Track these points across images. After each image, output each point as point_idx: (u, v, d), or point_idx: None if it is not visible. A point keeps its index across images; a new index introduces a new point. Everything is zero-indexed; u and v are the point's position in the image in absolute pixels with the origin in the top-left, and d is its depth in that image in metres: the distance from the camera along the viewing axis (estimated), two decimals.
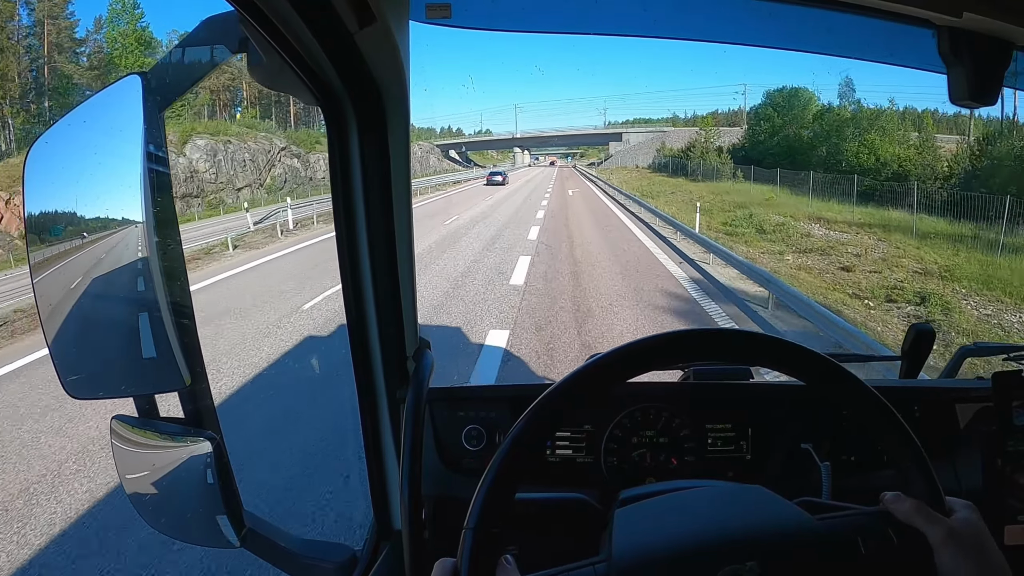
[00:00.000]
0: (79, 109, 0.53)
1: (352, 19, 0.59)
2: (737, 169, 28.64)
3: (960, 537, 0.49)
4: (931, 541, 0.50)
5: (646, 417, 1.00)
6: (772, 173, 23.57)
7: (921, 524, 0.51)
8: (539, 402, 0.51)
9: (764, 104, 33.93)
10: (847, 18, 0.71)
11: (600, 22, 0.87)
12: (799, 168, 23.49)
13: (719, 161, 31.29)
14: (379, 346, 0.83)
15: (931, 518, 0.50)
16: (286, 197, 21.61)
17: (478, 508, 0.49)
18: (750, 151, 31.97)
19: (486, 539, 0.48)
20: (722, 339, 0.55)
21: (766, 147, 30.95)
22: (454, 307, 6.76)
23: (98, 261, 0.52)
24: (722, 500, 0.62)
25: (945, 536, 0.49)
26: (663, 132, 47.78)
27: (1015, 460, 0.81)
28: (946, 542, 0.49)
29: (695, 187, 25.65)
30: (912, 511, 0.51)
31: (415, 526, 0.72)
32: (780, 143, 30.46)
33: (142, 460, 0.58)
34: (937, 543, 0.49)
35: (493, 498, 0.49)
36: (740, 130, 38.96)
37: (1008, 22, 0.61)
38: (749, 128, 35.51)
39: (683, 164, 35.45)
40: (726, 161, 30.99)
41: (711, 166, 31.07)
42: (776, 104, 32.67)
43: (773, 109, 32.62)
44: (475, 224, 14.93)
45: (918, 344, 1.15)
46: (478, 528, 0.48)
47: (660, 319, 6.24)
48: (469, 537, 0.48)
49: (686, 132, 43.89)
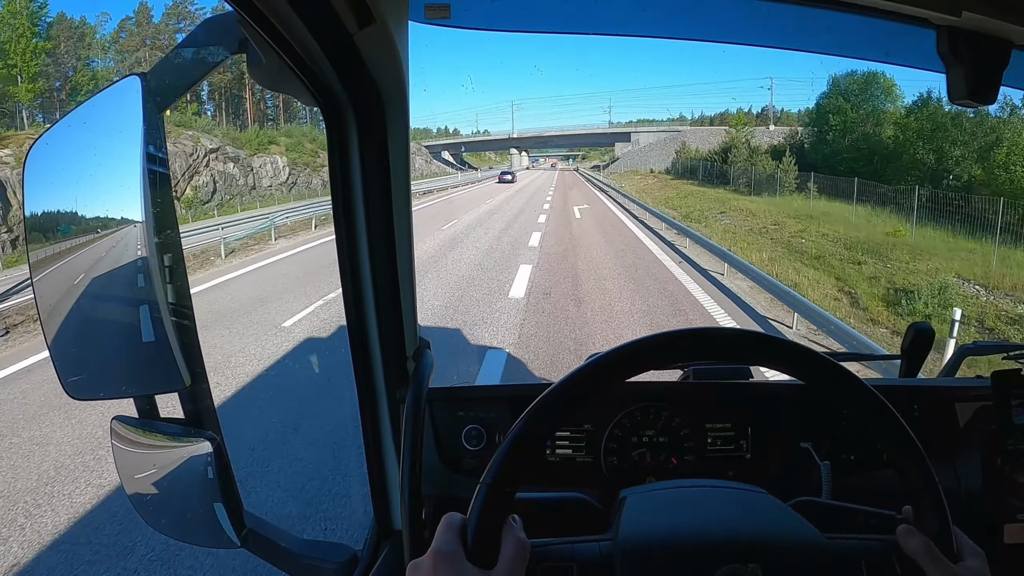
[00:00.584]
0: (79, 110, 0.53)
1: (351, 19, 0.59)
2: (803, 178, 21.56)
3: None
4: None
5: (646, 416, 1.00)
6: (847, 184, 17.67)
7: (926, 564, 0.50)
8: (539, 401, 0.52)
9: (831, 93, 25.15)
10: (846, 17, 0.71)
11: (600, 22, 0.87)
12: (882, 179, 17.85)
13: (779, 168, 22.88)
14: (379, 346, 0.83)
15: (937, 561, 0.50)
16: (214, 211, 18.38)
17: (496, 465, 0.49)
18: (811, 154, 24.29)
19: (498, 498, 0.49)
20: (722, 339, 0.55)
21: (835, 149, 23.64)
22: None
23: (98, 261, 0.53)
24: (728, 501, 0.62)
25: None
26: (679, 131, 41.32)
27: (1015, 459, 0.81)
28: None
29: (750, 203, 18.89)
30: (920, 550, 0.51)
31: (415, 526, 0.72)
32: (856, 144, 22.91)
33: (142, 460, 0.58)
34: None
35: (512, 458, 0.49)
36: (781, 130, 32.57)
37: (1008, 21, 0.61)
38: (812, 125, 27.21)
39: (721, 170, 27.34)
40: (789, 168, 22.50)
41: (765, 173, 23.47)
42: (848, 92, 24.11)
43: (844, 99, 24.25)
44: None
45: (917, 343, 1.15)
46: (493, 485, 0.49)
47: None
48: (483, 491, 0.49)
49: (709, 131, 38.27)
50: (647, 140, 43.01)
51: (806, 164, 22.75)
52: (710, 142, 34.23)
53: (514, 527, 0.50)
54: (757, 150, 27.48)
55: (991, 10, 0.59)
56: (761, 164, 24.77)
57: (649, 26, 0.87)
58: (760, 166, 24.60)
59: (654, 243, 12.20)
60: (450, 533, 0.48)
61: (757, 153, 26.80)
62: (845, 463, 0.96)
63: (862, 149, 22.50)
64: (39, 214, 0.53)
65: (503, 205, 21.56)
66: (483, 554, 0.47)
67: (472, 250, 11.14)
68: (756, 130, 33.23)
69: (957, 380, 1.20)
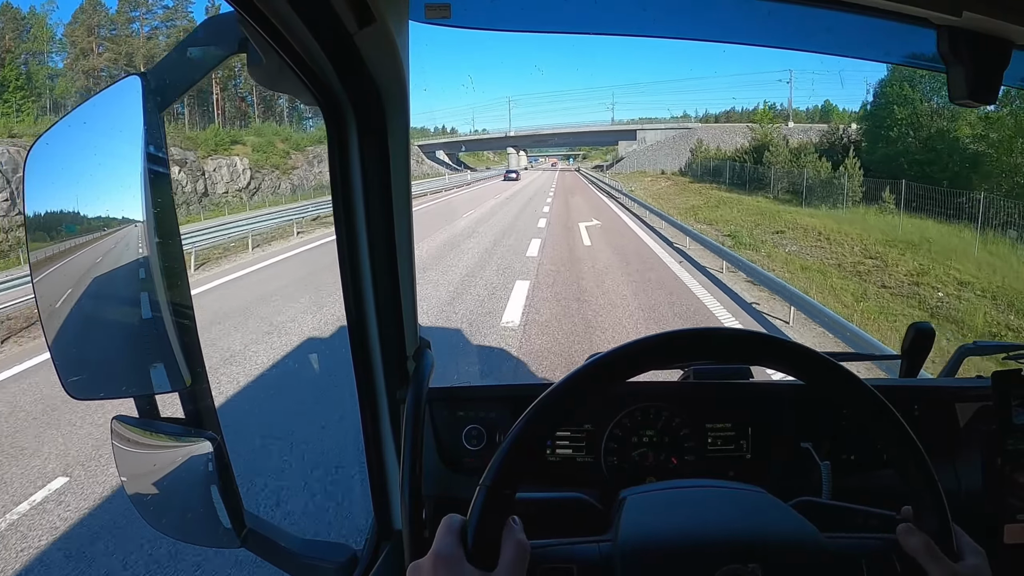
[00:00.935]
0: (79, 110, 0.53)
1: (352, 19, 0.59)
2: (868, 184, 17.21)
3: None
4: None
5: (646, 416, 1.00)
6: (931, 193, 13.84)
7: (926, 563, 0.50)
8: (540, 401, 0.52)
9: (891, 80, 20.16)
10: (846, 17, 0.70)
11: (600, 22, 0.87)
12: (959, 184, 13.83)
13: (840, 172, 18.30)
14: (379, 346, 0.83)
15: (938, 560, 0.50)
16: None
17: (495, 468, 0.49)
18: (867, 154, 19.80)
19: (498, 500, 0.49)
20: (722, 339, 0.55)
21: (900, 149, 19.02)
22: None
23: (98, 261, 0.53)
24: (728, 501, 0.62)
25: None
26: (689, 128, 38.13)
27: (1015, 459, 0.81)
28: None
29: (811, 218, 14.10)
30: (921, 548, 0.51)
31: (416, 526, 0.72)
32: (930, 143, 18.25)
33: (143, 460, 0.58)
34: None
35: (511, 460, 0.50)
36: (807, 126, 28.72)
37: (1008, 21, 0.61)
38: (867, 120, 22.82)
39: (755, 172, 22.62)
40: (855, 172, 18.07)
41: (818, 178, 19.14)
42: (914, 80, 19.20)
43: (911, 87, 19.46)
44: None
45: (918, 343, 1.15)
46: (492, 487, 0.49)
47: None
48: (483, 493, 0.49)
49: (724, 129, 35.30)
50: (654, 138, 39.86)
51: (864, 168, 18.72)
52: (729, 140, 30.94)
53: (514, 529, 0.50)
54: (804, 148, 22.65)
55: (991, 10, 0.59)
56: (812, 166, 20.00)
57: (648, 26, 0.87)
58: (811, 169, 19.78)
59: (701, 285, 7.96)
60: (450, 535, 0.48)
61: (805, 153, 21.73)
62: (845, 463, 0.96)
63: (939, 150, 17.44)
64: (40, 214, 0.53)
65: (494, 214, 17.22)
66: (483, 556, 0.47)
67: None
68: (777, 127, 29.06)
69: (957, 380, 1.20)
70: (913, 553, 0.51)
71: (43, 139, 0.52)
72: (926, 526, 0.52)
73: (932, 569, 0.50)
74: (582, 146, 72.45)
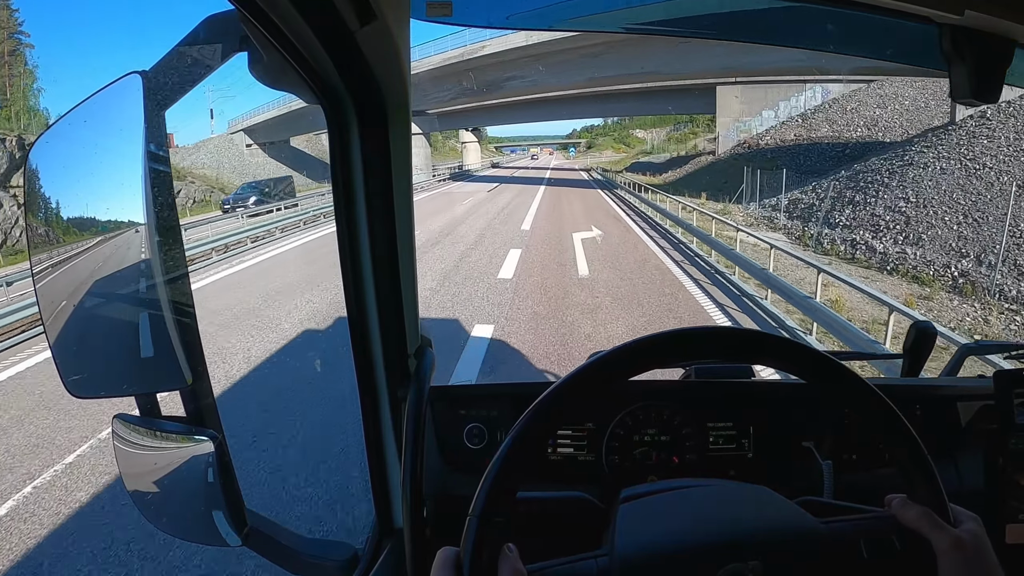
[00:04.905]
0: (79, 108, 0.53)
1: (353, 17, 0.59)
2: None
3: (965, 548, 0.49)
4: (936, 549, 0.49)
5: (648, 415, 1.00)
6: None
7: (927, 531, 0.50)
8: (541, 400, 0.51)
9: None
10: (847, 15, 0.70)
11: (599, 20, 0.87)
12: None
13: None
14: (380, 345, 0.83)
15: (937, 526, 0.50)
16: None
17: (483, 497, 0.49)
18: None
19: (489, 528, 0.49)
20: (724, 337, 0.55)
21: None
22: None
23: (99, 261, 0.52)
24: (726, 499, 0.62)
25: (950, 545, 0.49)
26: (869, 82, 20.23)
27: (1017, 459, 0.81)
28: (951, 551, 0.49)
29: None
30: (918, 518, 0.51)
31: (417, 524, 0.72)
32: None
33: (144, 459, 0.58)
34: (942, 552, 0.49)
35: (498, 487, 0.49)
36: None
37: (1009, 20, 0.61)
38: None
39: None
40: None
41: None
42: None
43: None
44: None
45: (919, 342, 1.15)
46: (483, 516, 0.48)
47: None
48: (473, 524, 0.48)
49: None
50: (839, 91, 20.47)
51: None
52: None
53: (510, 557, 0.49)
54: None
55: (993, 8, 0.59)
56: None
57: (648, 23, 0.87)
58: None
59: None
60: (445, 570, 0.48)
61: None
62: (847, 462, 0.96)
63: None
64: (41, 212, 0.53)
65: None
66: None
67: None
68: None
69: (959, 379, 1.20)
70: (911, 524, 0.51)
71: (44, 138, 0.52)
72: (921, 499, 0.52)
73: (935, 537, 0.50)
74: (596, 127, 45.07)
